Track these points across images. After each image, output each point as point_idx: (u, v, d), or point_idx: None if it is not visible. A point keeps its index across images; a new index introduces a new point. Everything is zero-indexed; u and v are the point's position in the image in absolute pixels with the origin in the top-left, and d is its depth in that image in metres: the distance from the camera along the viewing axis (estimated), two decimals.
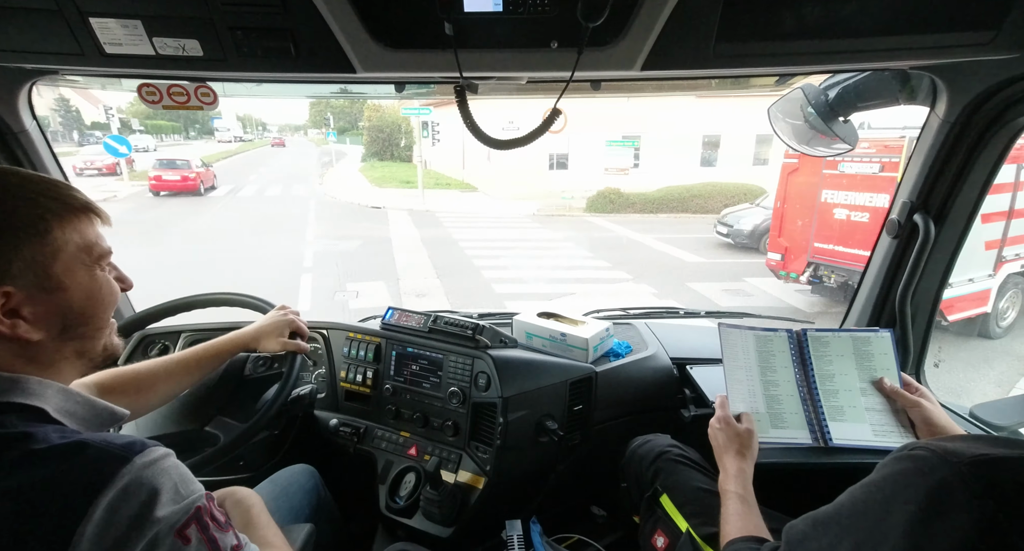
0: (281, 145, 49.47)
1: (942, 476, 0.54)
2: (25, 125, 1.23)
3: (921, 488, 0.55)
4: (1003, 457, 0.53)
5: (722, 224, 10.32)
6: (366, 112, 31.91)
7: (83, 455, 0.55)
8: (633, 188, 14.91)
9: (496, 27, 0.89)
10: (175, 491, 0.58)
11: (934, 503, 0.53)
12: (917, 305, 1.43)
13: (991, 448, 0.55)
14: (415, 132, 14.97)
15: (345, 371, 1.57)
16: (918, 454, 0.58)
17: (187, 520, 0.57)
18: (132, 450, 0.57)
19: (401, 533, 1.40)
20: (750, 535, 0.85)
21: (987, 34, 0.89)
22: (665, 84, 1.41)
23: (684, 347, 1.67)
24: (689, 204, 14.64)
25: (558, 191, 15.19)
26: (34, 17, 0.87)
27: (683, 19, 0.87)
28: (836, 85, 1.30)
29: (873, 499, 0.60)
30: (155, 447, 0.60)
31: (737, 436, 1.04)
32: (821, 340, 1.23)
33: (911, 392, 1.13)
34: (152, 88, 1.16)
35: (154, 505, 0.55)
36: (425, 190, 16.92)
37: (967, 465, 0.53)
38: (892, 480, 0.59)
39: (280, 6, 0.86)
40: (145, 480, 0.56)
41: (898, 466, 0.59)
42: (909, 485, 0.56)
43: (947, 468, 0.54)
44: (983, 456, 0.54)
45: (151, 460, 0.58)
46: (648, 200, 14.77)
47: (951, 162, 1.24)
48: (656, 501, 1.13)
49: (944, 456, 0.55)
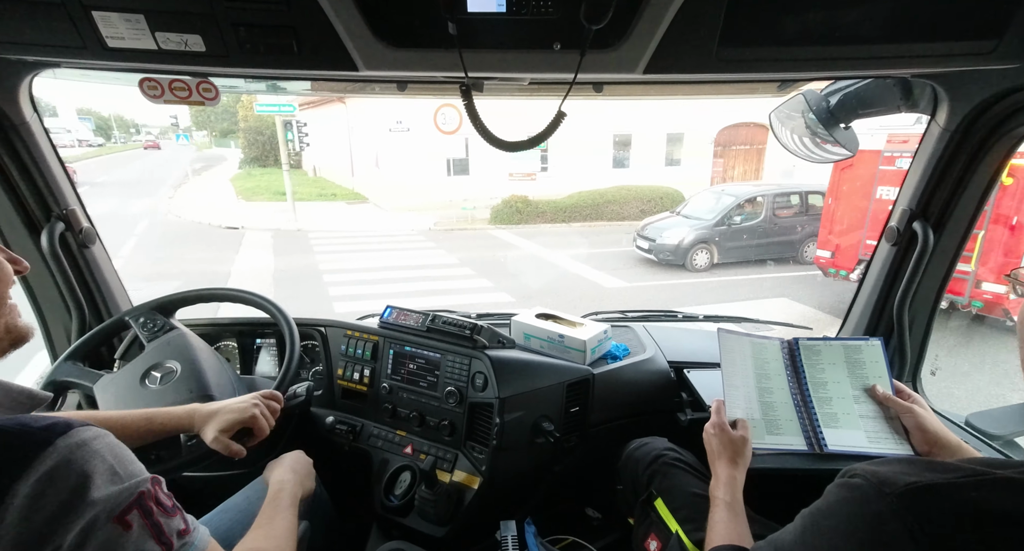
0: (156, 148, 41.45)
1: (877, 509, 0.55)
2: (25, 117, 1.23)
3: (860, 520, 0.56)
4: (934, 484, 0.54)
5: (642, 238, 9.20)
6: (240, 111, 26.34)
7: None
8: (542, 194, 13.31)
9: (499, 28, 0.89)
10: (111, 473, 0.56)
11: (874, 537, 0.54)
12: (915, 313, 1.43)
13: (924, 474, 0.55)
14: (279, 133, 11.86)
15: (342, 369, 1.56)
16: (855, 482, 0.59)
17: (128, 505, 0.55)
18: (54, 431, 0.54)
19: (396, 532, 1.40)
20: (732, 544, 0.85)
21: (988, 43, 0.89)
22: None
23: (682, 351, 1.67)
24: (604, 211, 13.26)
25: (460, 200, 13.19)
26: (37, 10, 0.87)
27: (686, 23, 0.87)
28: (838, 92, 1.30)
29: (820, 530, 0.62)
30: (84, 428, 0.57)
31: (731, 443, 1.04)
32: (812, 349, 1.24)
33: (904, 399, 1.13)
34: (154, 83, 1.16)
35: (86, 489, 0.53)
36: (305, 202, 14.70)
37: (898, 496, 0.54)
38: (836, 510, 0.61)
39: (283, 3, 0.86)
40: (74, 463, 0.53)
41: (839, 494, 0.61)
42: (850, 516, 0.58)
43: (880, 501, 0.55)
44: (914, 485, 0.54)
45: (79, 441, 0.55)
46: (559, 208, 13.22)
47: (951, 171, 1.24)
48: (650, 505, 1.13)
49: (878, 486, 0.56)
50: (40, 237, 1.33)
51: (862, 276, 1.54)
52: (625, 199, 13.44)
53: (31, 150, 1.27)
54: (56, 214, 1.35)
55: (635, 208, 13.04)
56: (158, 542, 0.57)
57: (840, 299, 7.01)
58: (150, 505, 0.57)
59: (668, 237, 8.88)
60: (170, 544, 0.58)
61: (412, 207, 13.96)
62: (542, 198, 13.20)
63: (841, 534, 0.58)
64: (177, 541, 0.59)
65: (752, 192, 9.48)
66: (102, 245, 1.52)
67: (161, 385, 1.22)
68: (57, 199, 1.35)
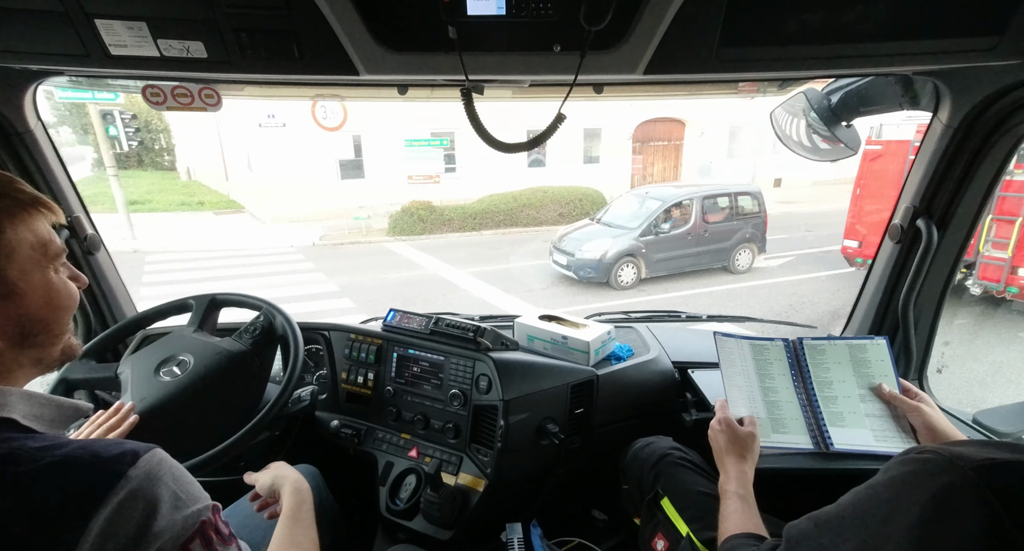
0: None
1: (949, 480, 0.53)
2: (30, 125, 1.24)
3: (927, 491, 0.54)
4: (1010, 462, 0.53)
5: (559, 251, 8.02)
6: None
7: (72, 473, 0.51)
8: (450, 199, 11.79)
9: (499, 30, 0.89)
10: (175, 499, 0.55)
11: (939, 506, 0.53)
12: (920, 310, 1.42)
13: (998, 453, 0.54)
14: (96, 127, 9.11)
15: (346, 372, 1.57)
16: (925, 457, 0.58)
17: (191, 535, 0.54)
18: (124, 461, 0.53)
19: (401, 535, 1.40)
20: (749, 532, 0.84)
21: (991, 40, 0.89)
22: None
23: (686, 351, 1.67)
24: (518, 216, 11.87)
25: (354, 208, 11.48)
26: (40, 18, 0.88)
27: (686, 23, 0.87)
28: (839, 90, 1.30)
29: (877, 500, 0.60)
30: (148, 452, 0.56)
31: (738, 439, 1.04)
32: (817, 348, 1.24)
33: (911, 398, 1.13)
34: (156, 89, 1.17)
35: (153, 519, 0.52)
36: (163, 213, 12.42)
37: (974, 470, 0.53)
38: (898, 482, 0.59)
39: (284, 8, 0.86)
40: (142, 493, 0.52)
41: (904, 468, 0.59)
42: (915, 487, 0.56)
43: (954, 472, 0.53)
44: (990, 461, 0.53)
45: (146, 471, 0.54)
46: (468, 214, 11.65)
47: (954, 167, 1.24)
48: (657, 504, 1.13)
49: (951, 460, 0.55)
50: None
51: (866, 274, 1.54)
52: (542, 202, 12.08)
53: (35, 158, 1.28)
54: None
55: (553, 212, 11.89)
56: None
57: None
58: (211, 534, 0.56)
59: (588, 250, 7.69)
60: None
61: (296, 217, 12.01)
62: (449, 203, 11.66)
63: (902, 502, 0.56)
64: None
65: (678, 195, 8.44)
66: (107, 251, 1.52)
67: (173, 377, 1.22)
68: (62, 206, 1.36)
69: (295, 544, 0.84)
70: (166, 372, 1.21)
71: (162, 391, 1.15)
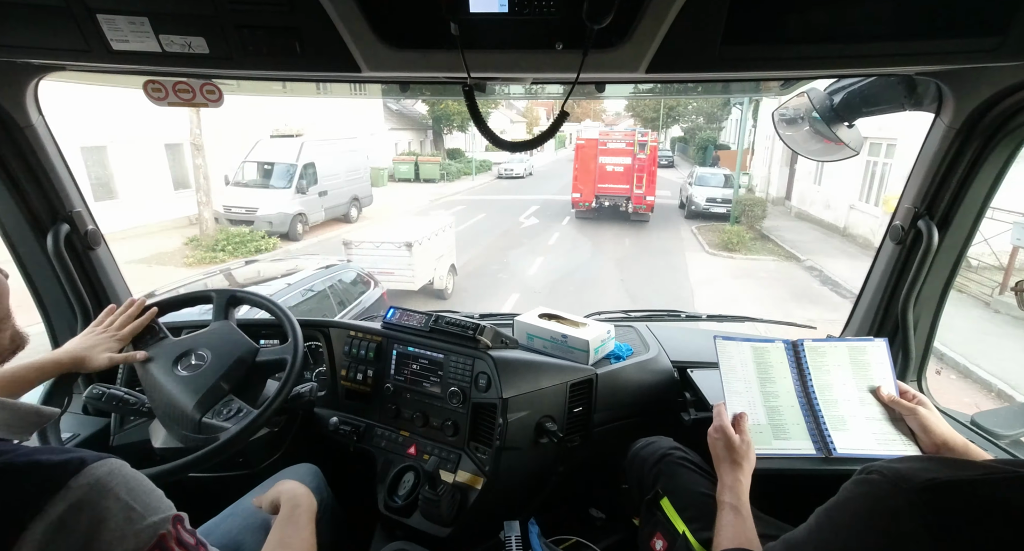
0: None
1: (894, 504, 0.54)
2: (31, 120, 1.24)
3: (876, 516, 0.56)
4: (953, 480, 0.53)
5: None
6: None
7: (7, 480, 0.48)
8: None
9: (501, 28, 0.89)
10: (127, 513, 0.51)
11: (890, 531, 0.54)
12: (920, 312, 1.42)
13: (942, 471, 0.55)
14: None
15: (346, 369, 1.57)
16: (872, 478, 0.59)
17: (149, 549, 0.51)
18: (67, 470, 0.50)
19: (399, 532, 1.40)
20: (740, 547, 0.85)
21: (993, 41, 0.88)
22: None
23: (685, 350, 1.67)
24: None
25: None
26: (42, 13, 0.87)
27: (689, 22, 0.87)
28: (842, 90, 1.29)
29: (836, 526, 0.61)
30: (97, 462, 0.52)
31: (733, 447, 1.04)
32: (818, 350, 1.23)
33: (908, 400, 1.13)
34: (158, 85, 1.17)
35: (100, 532, 0.48)
36: None
37: (916, 492, 0.53)
38: (852, 506, 0.60)
39: (286, 5, 0.86)
40: (87, 505, 0.49)
41: (855, 490, 0.61)
42: (866, 512, 0.57)
43: (898, 496, 0.55)
44: (932, 481, 0.54)
45: (92, 482, 0.50)
46: None
47: (956, 168, 1.23)
48: (656, 504, 1.13)
49: (895, 482, 0.56)
50: (46, 239, 1.34)
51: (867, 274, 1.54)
52: None
53: (37, 153, 1.28)
54: (62, 216, 1.36)
55: None
56: None
57: None
58: (171, 546, 0.53)
59: None
60: None
61: None
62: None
63: (856, 529, 0.57)
64: None
65: None
66: (107, 247, 1.52)
67: (191, 371, 1.22)
68: (63, 201, 1.36)
69: (285, 545, 0.83)
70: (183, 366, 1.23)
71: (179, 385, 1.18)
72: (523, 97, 1.31)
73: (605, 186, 13.91)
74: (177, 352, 1.25)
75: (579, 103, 20.42)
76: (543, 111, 44.93)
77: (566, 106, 1.04)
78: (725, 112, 27.74)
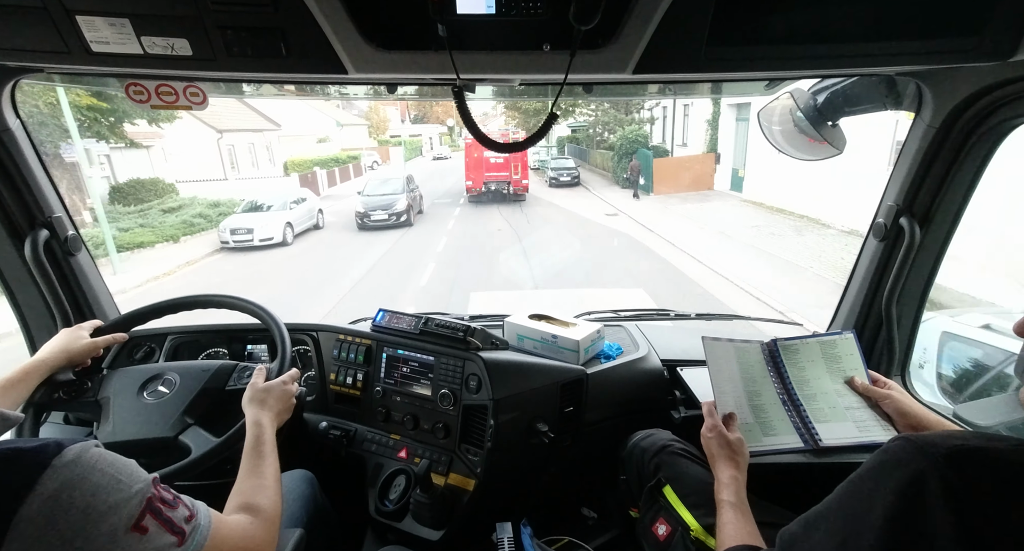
0: None
1: (918, 467, 0.54)
2: (8, 124, 1.21)
3: (899, 479, 0.55)
4: (980, 448, 0.54)
5: None
6: None
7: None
8: None
9: (489, 29, 0.88)
10: (115, 486, 0.56)
11: (911, 494, 0.54)
12: (902, 307, 1.45)
13: (971, 439, 0.55)
14: None
15: (335, 373, 1.55)
16: (897, 445, 0.59)
17: (141, 512, 0.57)
18: (47, 452, 0.54)
19: (391, 536, 1.39)
20: (744, 544, 0.86)
21: (970, 41, 0.90)
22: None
23: (674, 349, 1.68)
24: None
25: None
26: (19, 14, 0.85)
27: (675, 23, 0.87)
28: (825, 90, 1.31)
29: (857, 493, 0.61)
30: (73, 444, 0.57)
31: (728, 444, 1.06)
32: (791, 348, 1.28)
33: (880, 387, 1.19)
34: (140, 87, 1.15)
35: (95, 506, 0.53)
36: None
37: (943, 457, 0.53)
38: (874, 473, 0.60)
39: (271, 5, 0.85)
40: (77, 482, 0.53)
41: (879, 458, 0.60)
42: (888, 476, 0.57)
43: (923, 459, 0.54)
44: (959, 447, 0.54)
45: (74, 459, 0.55)
46: None
47: (936, 166, 1.26)
48: (659, 491, 1.15)
49: (921, 448, 0.56)
50: (24, 245, 1.31)
51: (851, 271, 1.56)
52: None
53: (15, 157, 1.25)
54: (40, 221, 1.33)
55: None
56: (172, 534, 0.60)
57: None
58: (158, 505, 0.60)
59: None
60: (183, 532, 0.61)
61: None
62: None
63: (877, 495, 0.57)
64: (187, 527, 0.63)
65: None
66: (88, 252, 1.49)
67: (157, 398, 1.19)
68: (41, 206, 1.33)
69: (256, 474, 0.90)
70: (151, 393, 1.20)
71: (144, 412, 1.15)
72: (511, 98, 1.31)
73: (491, 174, 17.61)
74: (145, 376, 1.23)
75: (439, 103, 23.01)
76: (394, 111, 41.88)
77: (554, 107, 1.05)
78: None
